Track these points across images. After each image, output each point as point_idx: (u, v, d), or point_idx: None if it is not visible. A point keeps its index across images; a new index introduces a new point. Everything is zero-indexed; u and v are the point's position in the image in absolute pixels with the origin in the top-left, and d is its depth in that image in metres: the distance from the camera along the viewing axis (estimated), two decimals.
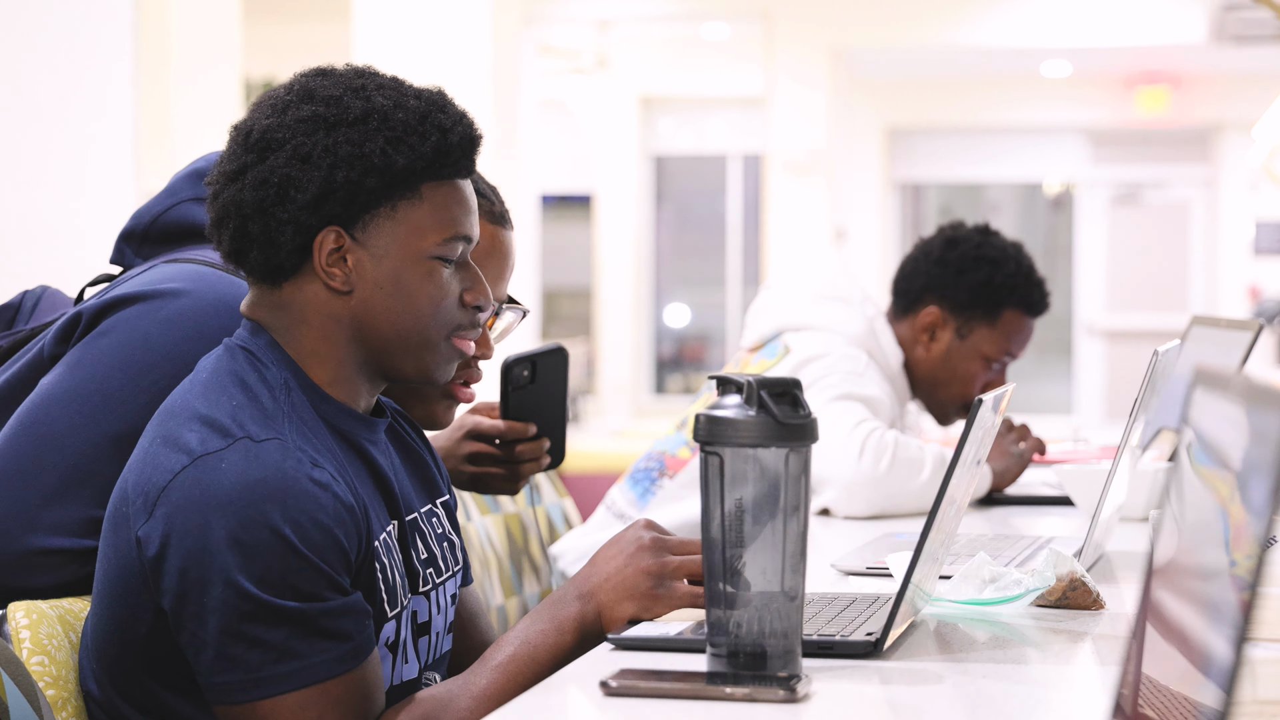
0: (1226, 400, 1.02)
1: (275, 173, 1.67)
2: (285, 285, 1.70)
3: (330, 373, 1.71)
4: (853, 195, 12.29)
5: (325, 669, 1.58)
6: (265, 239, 1.68)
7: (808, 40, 11.11)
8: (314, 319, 1.70)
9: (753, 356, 3.12)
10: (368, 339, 1.71)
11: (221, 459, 1.58)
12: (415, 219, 1.69)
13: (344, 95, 1.69)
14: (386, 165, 1.67)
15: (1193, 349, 2.74)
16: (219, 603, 1.56)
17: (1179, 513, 1.13)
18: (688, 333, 13.49)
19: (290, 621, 1.57)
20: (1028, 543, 2.39)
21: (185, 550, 1.57)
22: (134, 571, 1.61)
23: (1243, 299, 13.03)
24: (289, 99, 1.71)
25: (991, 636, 1.78)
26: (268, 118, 1.70)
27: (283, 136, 1.68)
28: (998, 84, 13.29)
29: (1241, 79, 12.35)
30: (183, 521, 1.57)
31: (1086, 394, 13.80)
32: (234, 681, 1.57)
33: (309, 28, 10.25)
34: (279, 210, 1.67)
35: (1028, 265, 3.13)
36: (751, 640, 1.50)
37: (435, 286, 1.71)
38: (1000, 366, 3.14)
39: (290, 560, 1.56)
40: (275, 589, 1.56)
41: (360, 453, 1.72)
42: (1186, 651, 1.04)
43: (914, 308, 3.14)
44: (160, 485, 1.59)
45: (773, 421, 1.49)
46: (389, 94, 1.70)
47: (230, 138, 1.74)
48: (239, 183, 1.69)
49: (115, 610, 1.64)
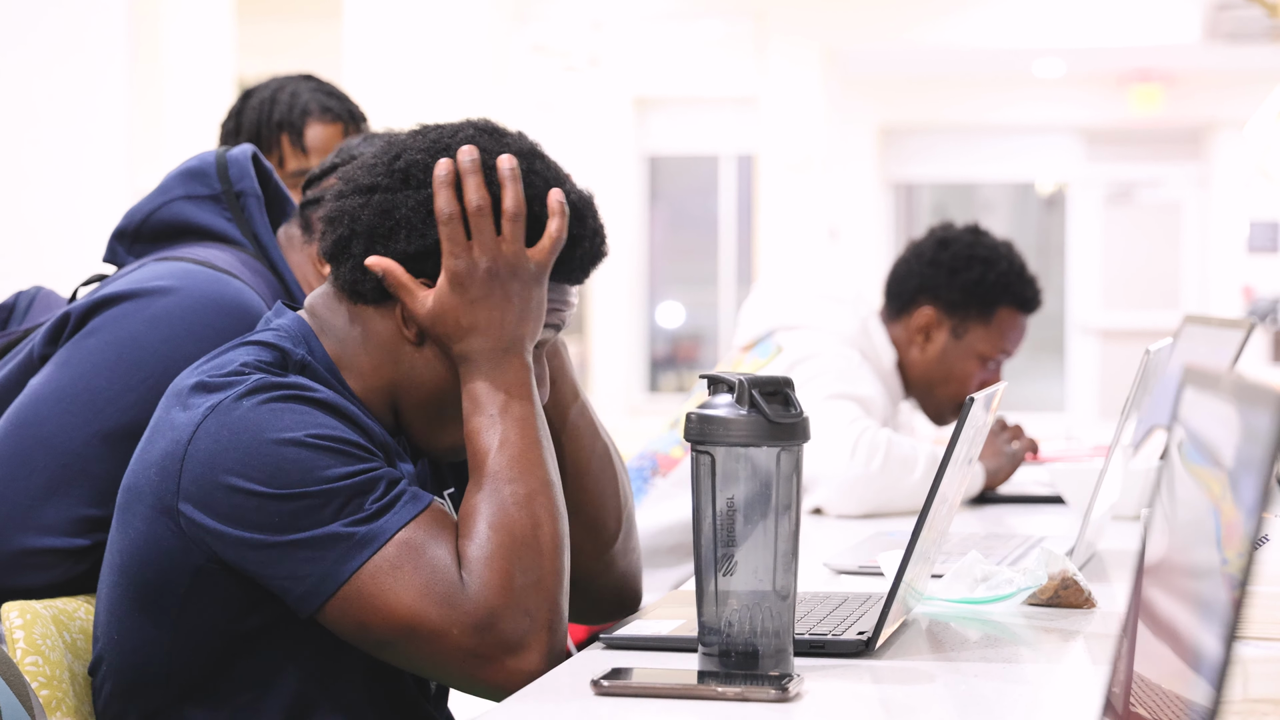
0: (1218, 398, 1.03)
1: (400, 209, 1.66)
2: (363, 306, 1.70)
3: (367, 391, 1.71)
4: (846, 195, 12.30)
5: (405, 514, 1.58)
6: (361, 264, 1.68)
7: (801, 40, 11.12)
8: (373, 346, 1.70)
9: (746, 355, 3.12)
10: (409, 391, 1.70)
11: (240, 402, 1.59)
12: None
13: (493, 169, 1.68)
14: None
15: (1184, 347, 2.74)
16: (277, 515, 1.56)
17: (1170, 511, 1.13)
18: (681, 332, 13.50)
19: (350, 495, 1.57)
20: (1020, 541, 2.39)
21: (227, 490, 1.57)
22: (167, 538, 1.60)
23: (1236, 297, 13.04)
24: (449, 141, 1.69)
25: (983, 635, 1.78)
26: (420, 151, 1.69)
27: (424, 178, 1.67)
28: (991, 83, 13.31)
29: (1234, 77, 12.37)
30: (215, 468, 1.57)
31: (1080, 392, 13.81)
32: (327, 566, 1.56)
33: (302, 27, 10.25)
34: (383, 244, 1.66)
35: (1019, 263, 3.14)
36: (743, 639, 1.50)
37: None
38: (995, 365, 3.15)
39: (328, 456, 1.57)
40: (325, 480, 1.56)
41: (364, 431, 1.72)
42: (1178, 649, 1.04)
43: (908, 309, 3.14)
44: (184, 442, 1.59)
45: (764, 420, 1.49)
46: (538, 184, 1.69)
47: (380, 148, 1.72)
48: (365, 198, 1.68)
49: (142, 586, 1.63)
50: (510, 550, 1.59)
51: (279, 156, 2.77)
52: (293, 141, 2.75)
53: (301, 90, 2.80)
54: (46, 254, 4.59)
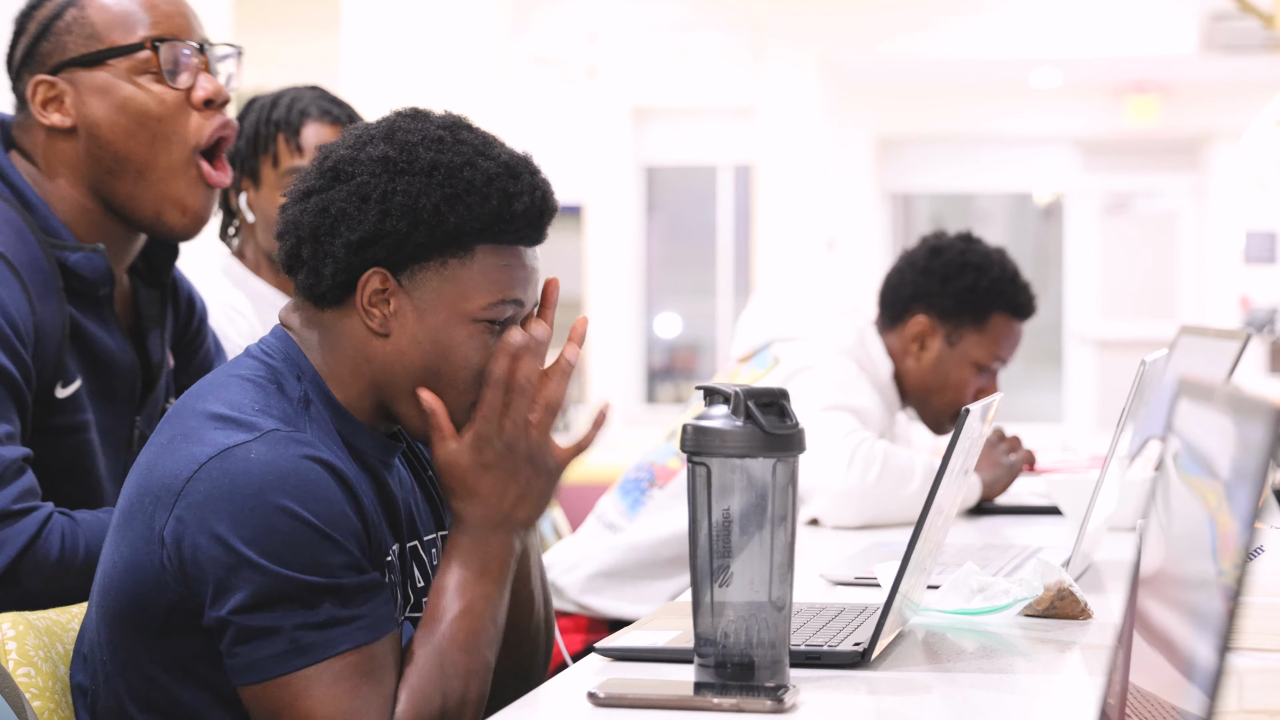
0: (1214, 410, 1.03)
1: (334, 204, 1.69)
2: (328, 310, 1.72)
3: (352, 397, 1.72)
4: (843, 205, 12.30)
5: (359, 635, 1.58)
6: (312, 265, 1.70)
7: (798, 50, 11.12)
8: (346, 349, 1.71)
9: (743, 367, 3.12)
10: (394, 385, 1.71)
11: (249, 450, 1.60)
12: (464, 278, 1.69)
13: (420, 143, 1.70)
14: (437, 222, 1.67)
15: (1180, 358, 2.74)
16: (245, 584, 1.56)
17: (1165, 522, 1.13)
18: (679, 342, 13.49)
19: (324, 594, 1.57)
20: (1016, 552, 2.39)
21: (213, 538, 1.57)
22: (152, 565, 1.61)
23: (1234, 308, 13.05)
24: (372, 134, 1.72)
25: (979, 646, 1.78)
26: (346, 148, 1.72)
27: (351, 170, 1.70)
28: (988, 94, 13.31)
29: (1231, 88, 12.38)
30: (211, 511, 1.57)
31: (1077, 403, 13.81)
32: (264, 657, 1.57)
33: (300, 38, 10.25)
34: (328, 241, 1.69)
35: (1012, 269, 3.14)
36: (739, 650, 1.50)
37: (474, 349, 1.70)
38: (991, 372, 3.15)
39: (319, 543, 1.58)
40: (302, 567, 1.57)
41: (372, 473, 1.73)
42: (1173, 660, 1.04)
43: (902, 318, 3.14)
44: (185, 477, 1.60)
45: (760, 432, 1.49)
46: (465, 151, 1.70)
47: (313, 157, 1.76)
48: (304, 204, 1.71)
49: (127, 606, 1.63)
50: (434, 714, 1.61)
51: (274, 154, 2.76)
52: (288, 140, 2.75)
53: (304, 95, 2.81)
54: None
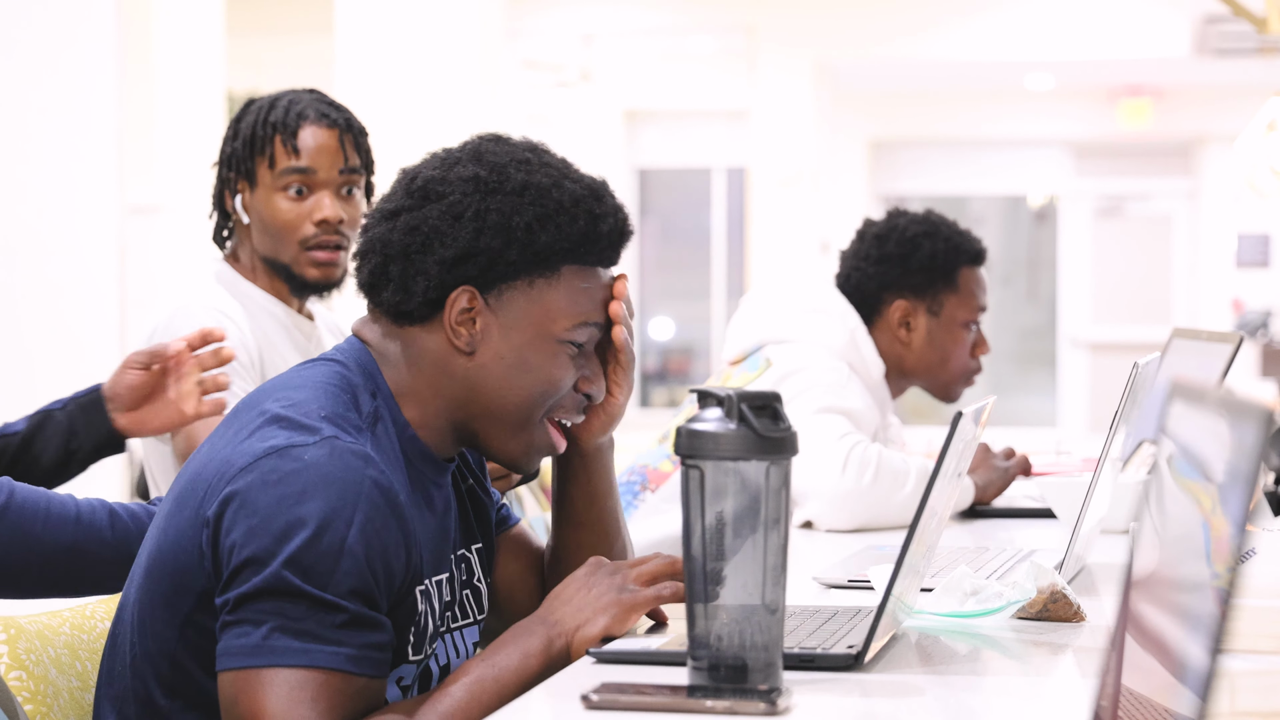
0: (1209, 413, 1.03)
1: (426, 222, 1.71)
2: (410, 327, 1.74)
3: (425, 416, 1.74)
4: (837, 208, 12.30)
5: (338, 660, 1.57)
6: (401, 283, 1.72)
7: (792, 54, 11.13)
8: (427, 366, 1.73)
9: (734, 370, 3.12)
10: (472, 402, 1.73)
11: (305, 451, 1.60)
12: (550, 299, 1.73)
13: (508, 164, 1.73)
14: (529, 240, 1.71)
15: (1173, 361, 2.74)
16: (262, 577, 1.56)
17: (1159, 524, 1.13)
18: (672, 346, 13.49)
19: (323, 609, 1.57)
20: (1009, 555, 2.39)
21: (249, 527, 1.58)
22: (194, 548, 1.62)
23: (1226, 311, 13.06)
24: (459, 155, 1.76)
25: (972, 649, 1.78)
26: (434, 169, 1.75)
27: (443, 190, 1.72)
28: (981, 97, 13.32)
29: (1223, 92, 12.39)
30: (254, 501, 1.58)
31: (1070, 406, 13.82)
32: (248, 645, 1.57)
33: (292, 42, 10.25)
34: (420, 259, 1.71)
35: (951, 223, 3.21)
36: (732, 653, 1.50)
37: (558, 369, 1.74)
38: (978, 326, 3.18)
39: (344, 560, 1.57)
40: (319, 581, 1.57)
41: (426, 496, 1.74)
42: (1165, 662, 1.04)
43: (879, 310, 3.15)
44: (239, 466, 1.61)
45: (753, 435, 1.49)
46: (551, 173, 1.74)
47: (396, 179, 1.78)
48: (391, 223, 1.73)
49: (166, 588, 1.64)
50: None
51: (270, 156, 2.74)
52: (285, 141, 2.74)
53: (301, 98, 2.79)
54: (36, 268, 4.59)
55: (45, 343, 4.61)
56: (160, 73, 7.28)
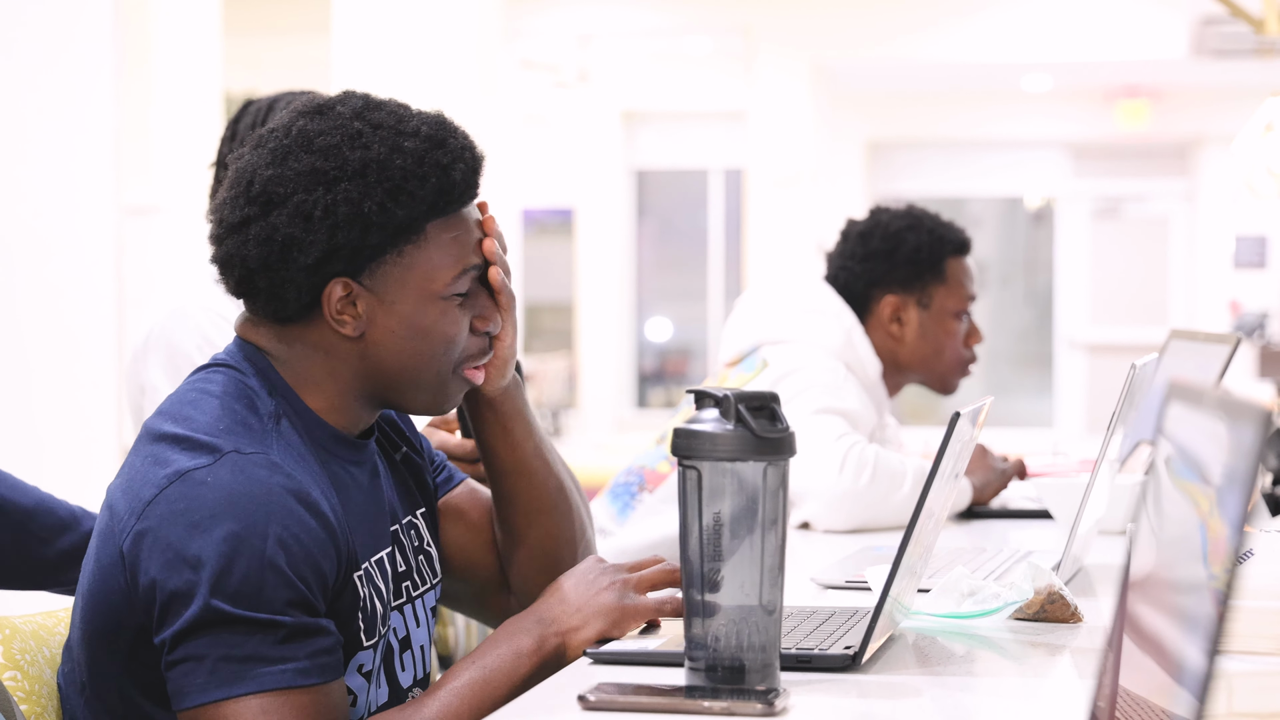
0: (1206, 414, 1.03)
1: (278, 231, 1.66)
2: (293, 325, 1.71)
3: (329, 401, 1.71)
4: (835, 209, 12.31)
5: (289, 678, 1.56)
6: (271, 293, 1.68)
7: (789, 55, 11.13)
8: (321, 358, 1.70)
9: (731, 371, 3.12)
10: (377, 376, 1.71)
11: (209, 474, 1.58)
12: (423, 261, 1.69)
13: (341, 144, 1.67)
14: (386, 219, 1.66)
15: (1170, 362, 2.74)
16: (192, 611, 1.55)
17: (1156, 525, 1.13)
18: (669, 347, 13.50)
19: (261, 630, 1.56)
20: (1006, 556, 2.39)
21: (165, 562, 1.56)
22: (118, 587, 1.60)
23: (1223, 312, 13.07)
24: (288, 145, 1.68)
25: (969, 650, 1.78)
26: (268, 167, 1.68)
27: (284, 191, 1.66)
28: (978, 98, 13.33)
29: (1221, 93, 12.40)
30: (165, 534, 1.56)
31: (1068, 408, 13.82)
32: (197, 683, 1.55)
33: (290, 42, 10.25)
34: (282, 269, 1.66)
35: (933, 216, 3.22)
36: (729, 654, 1.50)
37: (449, 324, 1.71)
38: (969, 316, 3.19)
39: (268, 575, 1.56)
40: (250, 602, 1.55)
41: (349, 477, 1.72)
42: (1163, 663, 1.04)
43: (869, 308, 3.16)
44: (146, 499, 1.58)
45: (750, 435, 1.48)
46: (386, 137, 1.68)
47: (229, 181, 1.71)
48: (242, 235, 1.68)
49: (100, 626, 1.63)
50: None
51: None
52: None
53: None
54: (33, 269, 4.59)
55: (42, 343, 4.61)
56: (158, 73, 7.28)
